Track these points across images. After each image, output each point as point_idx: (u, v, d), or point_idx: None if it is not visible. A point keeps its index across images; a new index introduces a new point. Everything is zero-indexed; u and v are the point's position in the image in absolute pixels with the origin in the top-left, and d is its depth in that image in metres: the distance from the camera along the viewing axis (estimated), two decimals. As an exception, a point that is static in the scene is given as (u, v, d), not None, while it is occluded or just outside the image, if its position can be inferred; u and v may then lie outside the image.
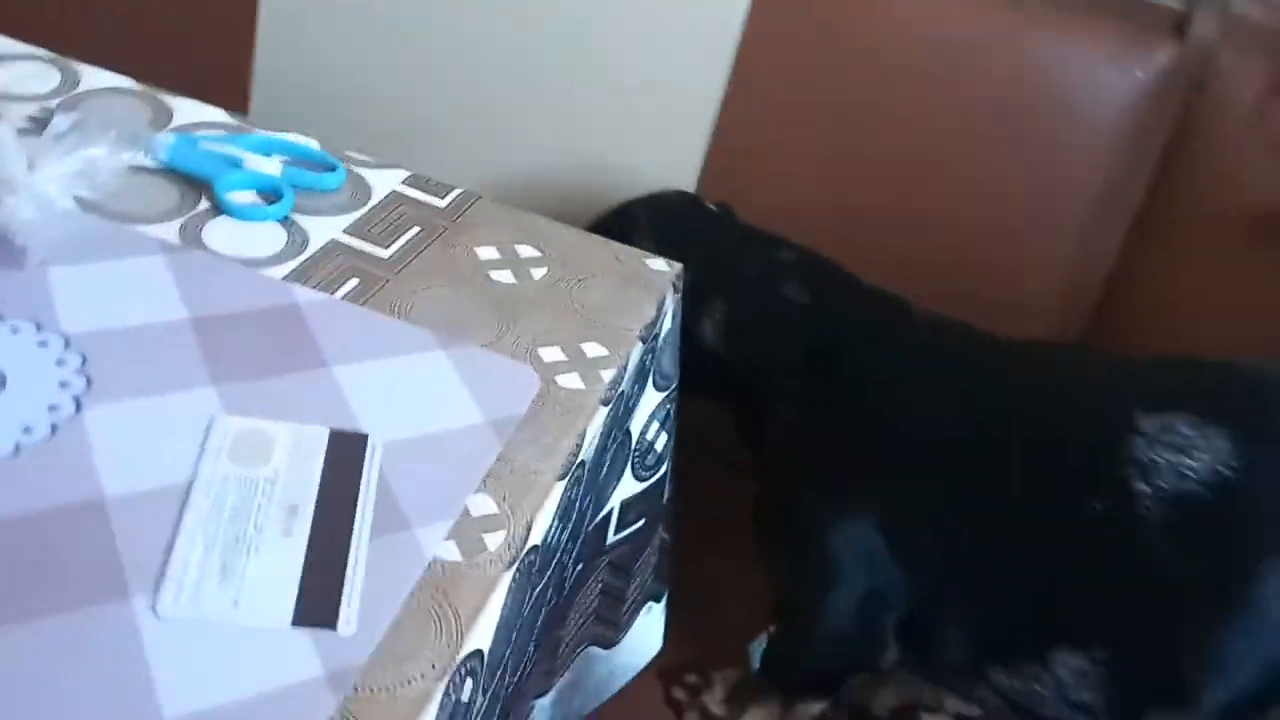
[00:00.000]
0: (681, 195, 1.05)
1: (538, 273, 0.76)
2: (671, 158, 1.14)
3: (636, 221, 0.97)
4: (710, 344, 0.93)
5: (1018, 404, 0.85)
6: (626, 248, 0.81)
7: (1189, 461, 0.76)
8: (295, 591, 0.55)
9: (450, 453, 0.63)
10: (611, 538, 0.82)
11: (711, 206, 1.03)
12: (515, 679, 0.69)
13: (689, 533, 0.94)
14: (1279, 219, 1.00)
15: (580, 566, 0.79)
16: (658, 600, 0.93)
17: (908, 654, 0.87)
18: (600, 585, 0.85)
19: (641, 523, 0.85)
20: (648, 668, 0.94)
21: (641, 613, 0.91)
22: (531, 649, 0.72)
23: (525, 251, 0.78)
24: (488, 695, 0.62)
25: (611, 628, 0.88)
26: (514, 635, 0.64)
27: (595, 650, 0.89)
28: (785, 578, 0.90)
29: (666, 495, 0.87)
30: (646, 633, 0.93)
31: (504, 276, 0.75)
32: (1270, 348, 1.03)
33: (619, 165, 1.15)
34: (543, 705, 0.84)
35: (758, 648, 0.98)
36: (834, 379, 0.89)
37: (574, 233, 0.82)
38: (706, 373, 0.92)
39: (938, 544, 0.83)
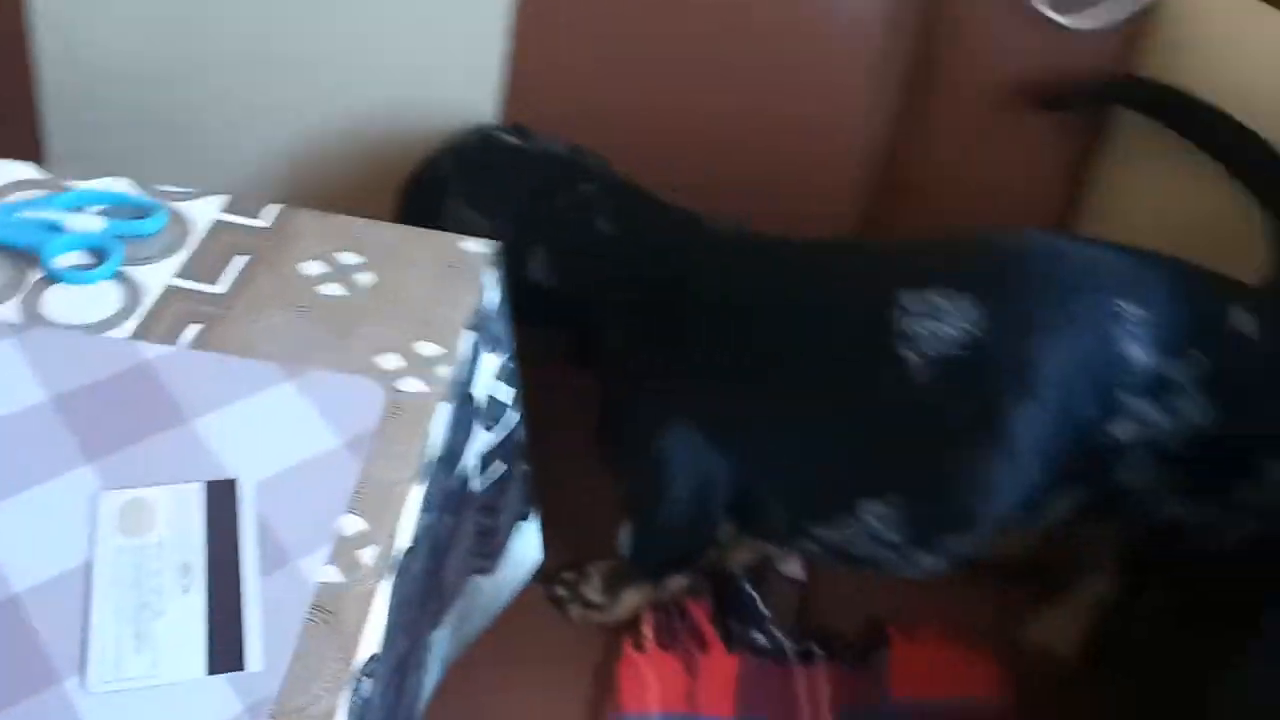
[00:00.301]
0: (479, 136, 1.10)
1: (363, 279, 0.83)
2: (470, 83, 1.17)
3: (444, 184, 1.03)
4: (539, 281, 1.02)
5: (800, 297, 0.97)
6: (442, 235, 0.87)
7: (945, 328, 0.90)
8: (204, 643, 0.63)
9: (316, 481, 0.71)
10: (475, 488, 0.91)
11: (509, 138, 1.09)
12: (408, 643, 0.79)
13: (546, 441, 1.03)
14: (1034, 86, 1.11)
15: (449, 520, 0.88)
16: (525, 519, 1.03)
17: (740, 526, 1.02)
18: (472, 527, 0.95)
19: (503, 467, 0.94)
20: (533, 579, 1.05)
21: (513, 535, 1.01)
22: (417, 610, 0.82)
23: (348, 259, 0.84)
24: (386, 672, 0.71)
25: (489, 559, 0.99)
26: (401, 619, 0.73)
27: (478, 578, 0.99)
28: (626, 484, 1.02)
29: (522, 433, 0.96)
30: (523, 550, 1.03)
31: (333, 290, 0.81)
32: (1036, 211, 1.16)
33: (421, 102, 1.17)
34: (438, 637, 0.95)
35: (625, 536, 1.09)
36: (647, 302, 0.99)
37: (392, 229, 0.88)
38: (539, 307, 1.00)
39: (751, 431, 0.97)
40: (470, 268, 0.85)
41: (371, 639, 0.66)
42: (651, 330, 0.99)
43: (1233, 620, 0.92)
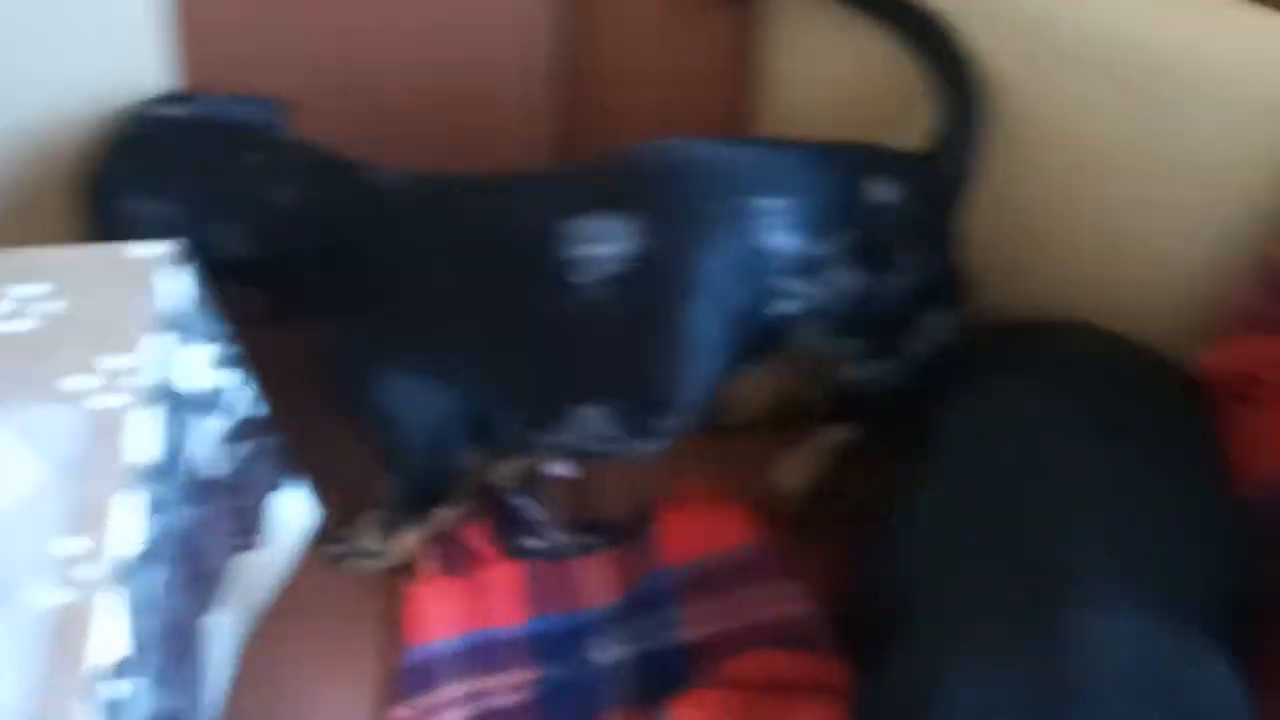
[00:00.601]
0: (141, 120, 1.07)
1: (49, 307, 0.85)
2: (138, 56, 1.12)
3: (117, 181, 1.04)
4: (234, 255, 1.03)
5: (478, 239, 1.03)
6: (120, 246, 0.89)
7: (608, 249, 0.98)
8: (-54, 688, 0.67)
9: (30, 513, 0.74)
10: (219, 474, 0.95)
11: (172, 111, 1.08)
12: (177, 634, 0.84)
13: (299, 403, 1.05)
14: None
15: (195, 511, 0.91)
16: (286, 488, 1.06)
17: (480, 446, 1.08)
18: (227, 510, 0.98)
19: (246, 446, 0.98)
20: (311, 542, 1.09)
21: (275, 506, 1.05)
22: (180, 602, 0.86)
23: (31, 290, 0.86)
24: (155, 668, 0.76)
25: (253, 534, 1.02)
26: (155, 617, 0.78)
27: (247, 555, 1.03)
28: (365, 434, 1.07)
29: (261, 409, 1.00)
30: (290, 517, 1.06)
31: (21, 325, 0.84)
32: (716, 104, 1.22)
33: (94, 91, 1.11)
34: (217, 620, 0.98)
35: (384, 481, 1.14)
36: (338, 263, 1.03)
37: (70, 250, 0.90)
38: (241, 278, 1.04)
39: (465, 364, 1.03)
40: (153, 271, 0.88)
41: (114, 644, 0.71)
42: (348, 288, 1.03)
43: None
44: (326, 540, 1.12)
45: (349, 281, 1.04)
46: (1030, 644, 0.83)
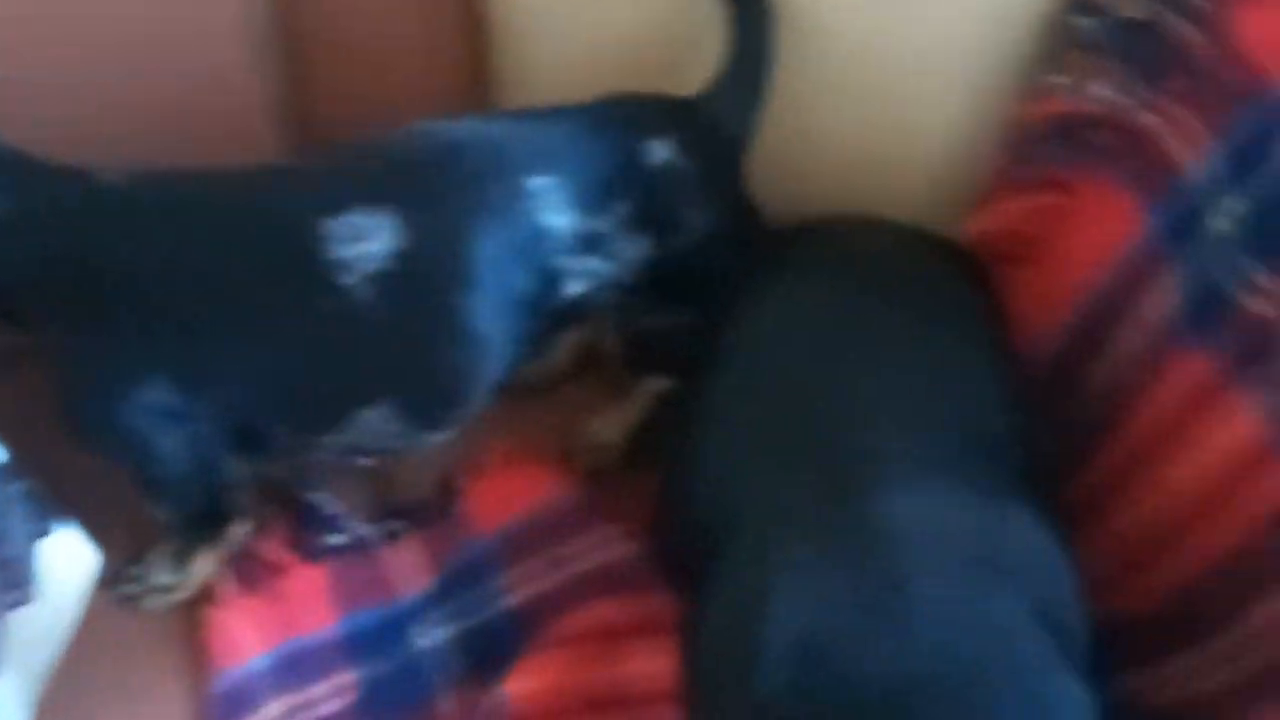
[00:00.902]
0: None
1: None
2: None
3: None
4: None
5: (226, 240, 0.95)
6: None
7: (372, 246, 0.92)
8: None
9: None
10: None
11: None
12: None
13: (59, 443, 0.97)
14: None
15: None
16: (48, 534, 0.98)
17: (253, 458, 1.01)
18: (-20, 572, 0.90)
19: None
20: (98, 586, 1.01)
21: (40, 554, 0.96)
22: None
23: None
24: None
25: (20, 589, 0.94)
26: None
27: (19, 611, 0.94)
28: (117, 461, 1.00)
29: (2, 453, 0.91)
30: (63, 564, 0.98)
31: None
32: (448, 68, 1.16)
33: None
34: (2, 685, 0.90)
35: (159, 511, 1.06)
36: (68, 276, 0.94)
37: None
38: None
39: (222, 373, 0.96)
40: None
41: None
42: (79, 306, 0.95)
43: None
44: (117, 581, 1.05)
45: (79, 298, 0.95)
46: (843, 543, 0.81)
